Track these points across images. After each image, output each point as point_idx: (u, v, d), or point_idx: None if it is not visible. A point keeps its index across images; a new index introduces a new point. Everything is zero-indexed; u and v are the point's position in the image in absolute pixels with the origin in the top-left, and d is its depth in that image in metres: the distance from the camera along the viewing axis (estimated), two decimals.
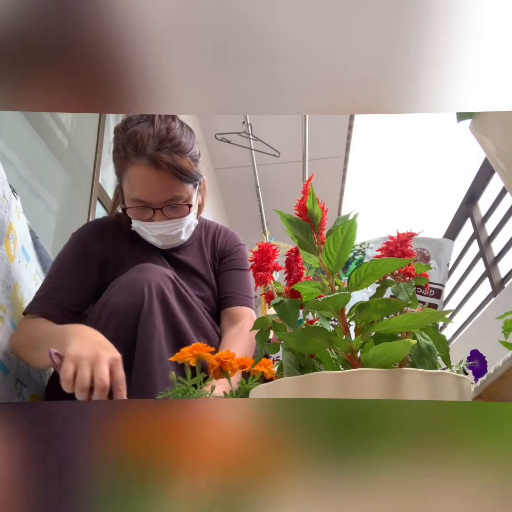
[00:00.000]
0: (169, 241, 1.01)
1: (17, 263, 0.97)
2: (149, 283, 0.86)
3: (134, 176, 0.93)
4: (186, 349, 0.79)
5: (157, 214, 0.96)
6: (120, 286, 0.88)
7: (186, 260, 1.08)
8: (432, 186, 4.51)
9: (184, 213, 0.99)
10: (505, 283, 2.15)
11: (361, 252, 1.11)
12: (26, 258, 1.03)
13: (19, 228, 1.00)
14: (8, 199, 0.93)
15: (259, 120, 2.93)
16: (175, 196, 0.95)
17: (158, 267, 0.92)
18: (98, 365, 0.69)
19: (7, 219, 0.92)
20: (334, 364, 0.45)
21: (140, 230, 1.00)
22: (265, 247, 0.52)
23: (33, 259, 1.08)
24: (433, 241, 1.05)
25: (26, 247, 1.04)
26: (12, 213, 0.94)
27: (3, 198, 0.89)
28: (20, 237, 1.00)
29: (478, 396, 0.61)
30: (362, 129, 3.52)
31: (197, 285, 1.08)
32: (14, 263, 0.96)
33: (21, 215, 1.03)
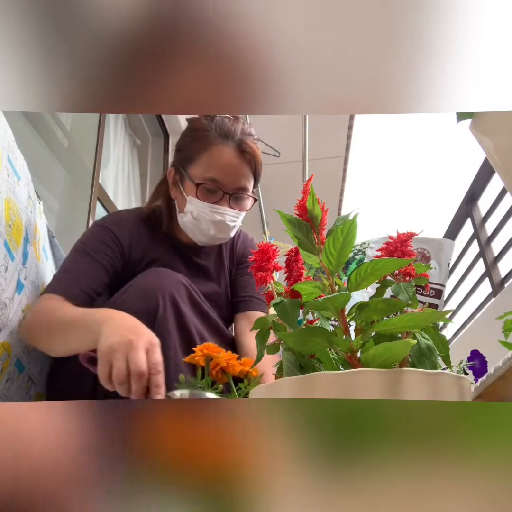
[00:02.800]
0: (221, 232, 1.01)
1: (41, 263, 0.98)
2: (163, 292, 0.86)
3: (217, 156, 0.97)
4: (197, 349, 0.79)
5: (223, 199, 0.99)
6: (135, 292, 0.88)
7: (204, 265, 1.10)
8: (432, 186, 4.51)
9: (246, 207, 1.03)
10: (505, 283, 2.15)
11: (362, 252, 1.11)
12: (45, 257, 1.04)
13: (41, 228, 1.01)
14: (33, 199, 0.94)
15: (259, 120, 2.92)
16: (245, 186, 1.00)
17: (172, 272, 0.92)
18: (132, 352, 0.67)
19: (33, 220, 0.93)
20: (334, 364, 0.45)
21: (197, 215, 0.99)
22: (265, 247, 0.52)
23: (50, 258, 1.09)
24: (433, 241, 1.05)
25: (45, 247, 1.05)
26: (36, 213, 0.95)
27: (29, 199, 0.90)
28: (42, 237, 1.01)
29: (478, 396, 0.61)
30: (362, 129, 3.52)
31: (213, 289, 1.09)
32: (40, 263, 0.96)
33: (42, 215, 1.04)
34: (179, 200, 1.04)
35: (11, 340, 0.80)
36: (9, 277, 0.78)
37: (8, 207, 0.78)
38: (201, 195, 0.98)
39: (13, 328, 0.81)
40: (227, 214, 0.99)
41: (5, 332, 0.78)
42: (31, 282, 0.90)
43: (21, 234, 0.84)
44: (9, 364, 0.80)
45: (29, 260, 0.89)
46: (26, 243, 0.87)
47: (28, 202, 0.89)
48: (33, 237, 0.92)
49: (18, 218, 0.83)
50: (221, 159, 0.97)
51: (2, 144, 0.81)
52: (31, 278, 0.90)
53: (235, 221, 1.02)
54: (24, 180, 0.88)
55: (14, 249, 0.80)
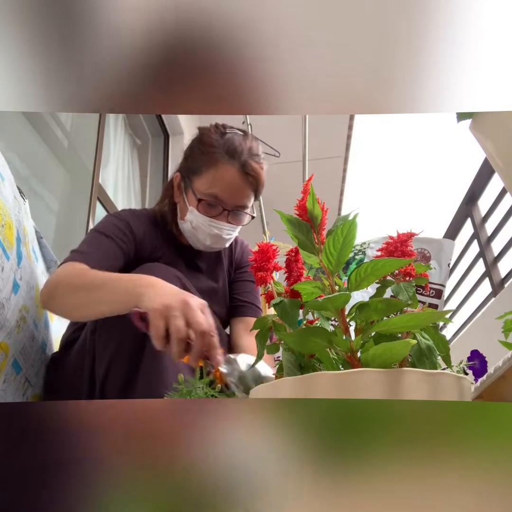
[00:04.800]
0: (217, 244, 1.05)
1: (32, 263, 0.97)
2: None
3: (221, 175, 1.00)
4: None
5: (222, 215, 1.02)
6: None
7: (203, 266, 1.13)
8: (432, 186, 4.51)
9: (243, 222, 1.07)
10: (505, 283, 2.15)
11: (362, 252, 1.11)
12: (35, 258, 1.03)
13: (29, 229, 1.01)
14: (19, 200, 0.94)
15: (259, 120, 2.92)
16: (245, 204, 1.04)
17: (167, 267, 0.93)
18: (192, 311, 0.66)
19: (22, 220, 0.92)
20: (334, 364, 0.45)
21: (196, 225, 1.02)
22: (265, 247, 0.52)
23: (39, 260, 1.09)
24: (434, 241, 1.05)
25: (35, 248, 1.05)
26: (23, 214, 0.95)
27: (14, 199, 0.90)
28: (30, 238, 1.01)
29: (478, 396, 0.61)
30: (362, 129, 3.52)
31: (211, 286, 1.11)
32: (32, 264, 0.96)
33: (29, 216, 1.04)
34: (181, 206, 1.07)
35: (9, 340, 0.80)
36: (6, 277, 0.78)
37: None
38: (201, 209, 1.02)
39: (10, 329, 0.80)
40: (224, 229, 1.03)
41: (2, 332, 0.78)
42: (26, 282, 0.89)
43: (13, 234, 0.83)
44: (6, 364, 0.80)
45: (23, 260, 0.88)
46: (19, 243, 0.86)
47: (14, 202, 0.88)
48: (24, 238, 0.92)
49: (9, 218, 0.82)
50: (225, 177, 1.00)
51: None
52: (26, 278, 0.89)
53: (231, 234, 1.06)
54: (7, 181, 0.87)
55: (8, 249, 0.80)
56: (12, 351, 0.81)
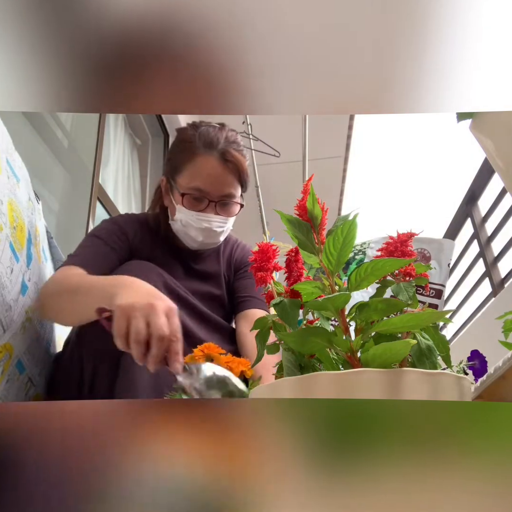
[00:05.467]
0: (209, 238, 1.04)
1: (42, 264, 0.98)
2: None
3: (201, 166, 1.00)
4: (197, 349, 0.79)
5: (209, 207, 1.01)
6: None
7: (200, 269, 1.13)
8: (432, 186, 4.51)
9: (233, 212, 1.05)
10: (505, 283, 2.15)
11: (362, 252, 1.11)
12: (45, 258, 1.04)
13: (41, 229, 1.02)
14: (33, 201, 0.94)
15: (259, 120, 2.92)
16: (231, 193, 1.02)
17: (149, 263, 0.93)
18: (154, 315, 0.65)
19: (34, 221, 0.93)
20: (334, 364, 0.45)
21: (185, 222, 1.02)
22: (265, 247, 0.52)
23: (49, 259, 1.09)
24: (434, 241, 1.05)
25: (45, 248, 1.05)
26: (36, 214, 0.96)
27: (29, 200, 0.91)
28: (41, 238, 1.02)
29: (478, 396, 0.61)
30: (362, 129, 3.52)
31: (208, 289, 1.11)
32: (41, 264, 0.97)
33: (41, 216, 1.05)
34: (171, 208, 1.07)
35: (14, 341, 0.80)
36: (14, 279, 0.78)
37: (11, 209, 0.79)
38: (187, 203, 1.01)
39: (16, 330, 0.81)
40: (213, 221, 1.02)
41: (8, 333, 0.78)
42: (34, 284, 0.90)
43: (24, 235, 0.84)
44: (10, 365, 0.80)
45: (33, 262, 0.89)
46: (29, 244, 0.87)
47: (28, 203, 0.90)
48: (35, 238, 0.93)
49: (21, 219, 0.84)
50: (205, 169, 1.00)
51: (1, 147, 0.81)
52: (34, 280, 0.90)
53: (223, 226, 1.04)
54: (23, 182, 0.89)
55: (18, 251, 0.80)
56: (16, 351, 0.82)
